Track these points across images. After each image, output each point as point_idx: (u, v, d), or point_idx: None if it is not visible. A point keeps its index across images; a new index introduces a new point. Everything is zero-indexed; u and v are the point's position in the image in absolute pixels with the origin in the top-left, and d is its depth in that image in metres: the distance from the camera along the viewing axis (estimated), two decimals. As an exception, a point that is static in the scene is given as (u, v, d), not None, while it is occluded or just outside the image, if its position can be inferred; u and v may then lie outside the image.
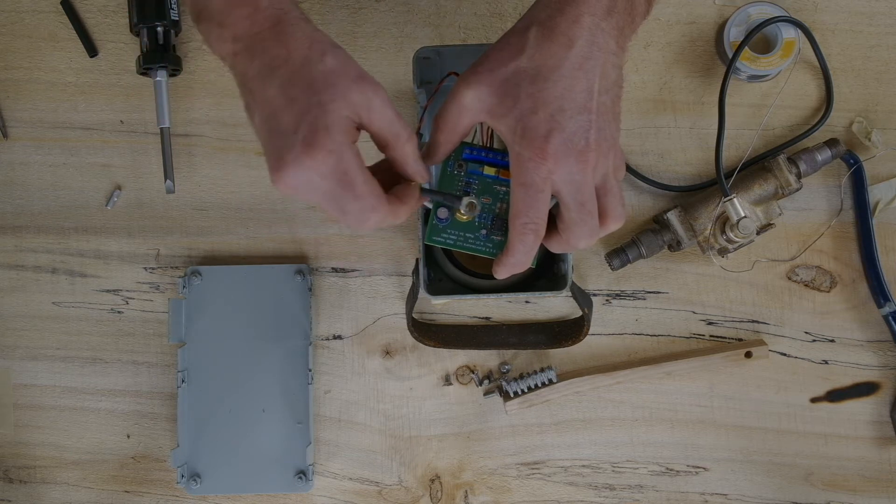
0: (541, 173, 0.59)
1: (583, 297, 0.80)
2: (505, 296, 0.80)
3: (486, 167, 0.66)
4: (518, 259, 0.62)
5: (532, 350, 0.83)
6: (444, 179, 0.66)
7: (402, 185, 0.63)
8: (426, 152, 0.65)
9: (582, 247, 0.62)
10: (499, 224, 0.66)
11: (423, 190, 0.64)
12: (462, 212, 0.65)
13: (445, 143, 0.64)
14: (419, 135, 0.72)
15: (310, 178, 0.57)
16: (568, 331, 0.82)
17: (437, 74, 0.77)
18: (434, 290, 0.77)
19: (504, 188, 0.65)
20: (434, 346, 0.81)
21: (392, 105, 0.59)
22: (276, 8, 0.59)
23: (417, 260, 0.76)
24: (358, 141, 0.59)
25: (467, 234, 0.66)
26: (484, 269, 0.77)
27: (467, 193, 0.66)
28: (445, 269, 0.79)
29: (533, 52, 0.59)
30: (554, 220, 0.62)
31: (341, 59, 0.59)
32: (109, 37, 0.84)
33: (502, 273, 0.64)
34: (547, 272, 0.79)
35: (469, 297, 0.78)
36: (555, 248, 0.63)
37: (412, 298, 0.79)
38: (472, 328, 0.83)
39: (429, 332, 0.82)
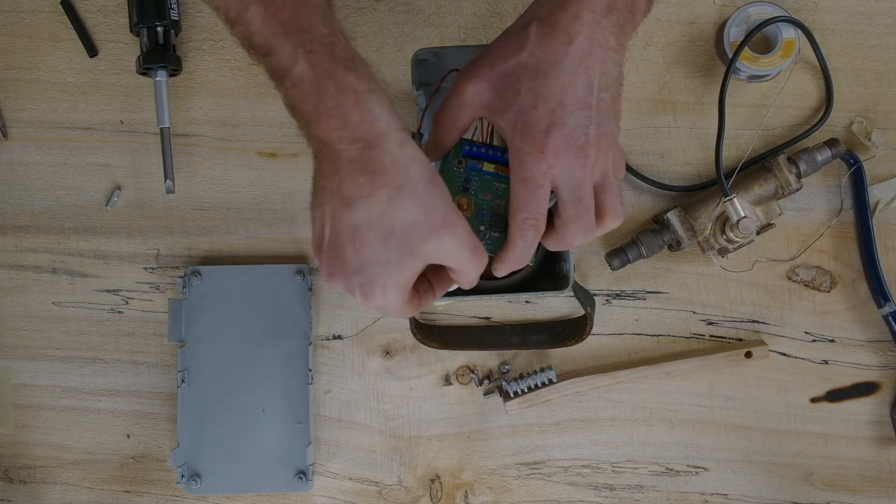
0: (541, 168, 0.59)
1: (585, 296, 0.80)
2: (507, 296, 0.80)
3: (485, 164, 0.66)
4: (518, 255, 0.62)
5: (533, 350, 0.83)
6: (444, 176, 0.66)
7: (441, 271, 0.63)
8: (426, 149, 0.65)
9: (577, 244, 0.62)
10: (497, 221, 0.66)
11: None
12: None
13: (445, 140, 0.64)
14: (419, 134, 0.72)
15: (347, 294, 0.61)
16: (571, 330, 0.82)
17: (435, 76, 0.77)
18: None
19: (503, 185, 0.65)
20: (437, 348, 0.81)
21: (469, 242, 0.59)
22: (367, 126, 0.56)
23: None
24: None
25: None
26: (484, 269, 0.77)
27: (465, 190, 0.66)
28: None
29: (533, 47, 0.59)
30: (551, 217, 0.62)
31: (428, 203, 0.57)
32: (109, 37, 0.84)
33: (502, 270, 0.64)
34: (548, 272, 0.79)
35: (471, 297, 0.77)
36: (551, 245, 0.63)
37: None
38: (475, 329, 0.83)
39: (431, 334, 0.82)
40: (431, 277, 0.64)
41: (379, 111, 0.56)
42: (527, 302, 0.84)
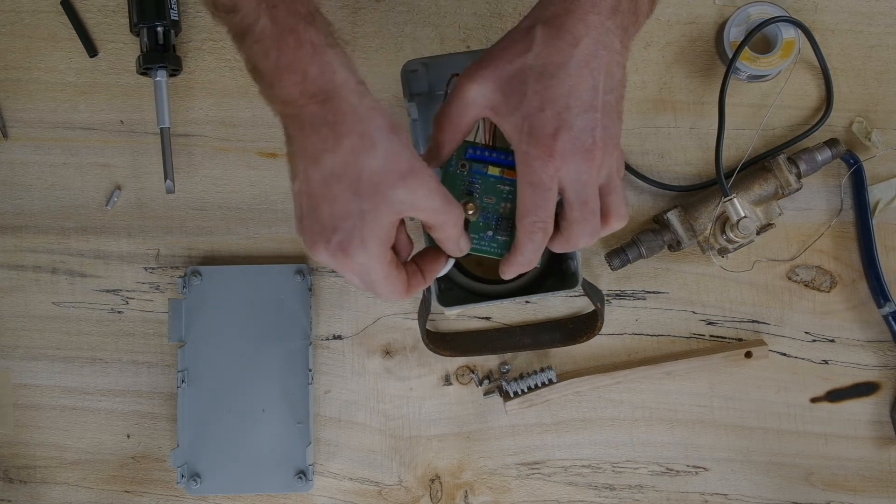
0: (548, 171, 0.59)
1: (594, 292, 0.79)
2: (518, 299, 0.79)
3: (490, 167, 0.66)
4: (526, 258, 0.62)
5: (542, 349, 0.83)
6: (447, 180, 0.66)
7: (430, 254, 0.64)
8: (428, 155, 0.64)
9: (582, 246, 0.62)
10: (504, 224, 0.65)
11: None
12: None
13: (449, 143, 0.63)
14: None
15: (333, 267, 0.59)
16: (582, 326, 0.82)
17: (425, 86, 0.77)
18: (446, 300, 0.76)
19: (508, 187, 0.65)
20: (451, 356, 0.81)
21: (439, 190, 0.59)
22: (326, 78, 0.57)
23: None
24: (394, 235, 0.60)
25: (473, 236, 0.66)
26: (491, 273, 0.77)
27: (470, 193, 0.66)
28: (454, 278, 0.78)
29: (540, 49, 0.59)
30: (555, 219, 0.62)
31: (391, 150, 0.57)
32: (109, 37, 0.84)
33: (510, 273, 0.64)
34: (555, 271, 0.78)
35: (483, 304, 0.77)
36: (556, 247, 0.63)
37: (424, 312, 0.79)
38: (486, 333, 0.83)
39: (444, 342, 0.82)
40: (419, 261, 0.65)
41: (337, 64, 0.57)
42: (526, 301, 0.84)
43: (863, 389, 0.83)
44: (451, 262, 0.66)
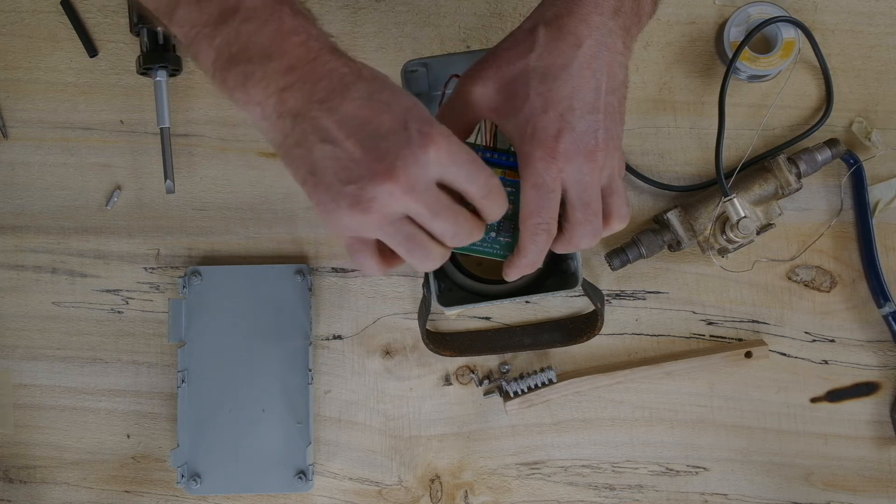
0: (551, 173, 0.59)
1: (594, 292, 0.79)
2: (518, 299, 0.79)
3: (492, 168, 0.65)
4: (530, 259, 0.62)
5: (542, 350, 0.83)
6: None
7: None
8: None
9: (584, 247, 0.62)
10: (506, 226, 0.65)
11: None
12: None
13: None
14: None
15: (429, 172, 0.55)
16: (582, 326, 0.82)
17: (425, 86, 0.77)
18: (446, 301, 0.76)
19: (510, 188, 0.65)
20: (451, 356, 0.81)
21: None
22: (326, 37, 0.58)
23: (427, 273, 0.75)
24: None
25: None
26: (491, 273, 0.77)
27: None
28: (454, 278, 0.78)
29: (542, 50, 0.59)
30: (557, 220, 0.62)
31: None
32: (109, 37, 0.84)
33: (514, 275, 0.64)
34: (555, 271, 0.78)
35: (483, 304, 0.77)
36: (558, 248, 0.63)
37: (424, 312, 0.79)
38: (487, 333, 0.83)
39: (444, 342, 0.82)
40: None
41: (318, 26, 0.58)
42: (526, 301, 0.84)
43: (863, 389, 0.83)
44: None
